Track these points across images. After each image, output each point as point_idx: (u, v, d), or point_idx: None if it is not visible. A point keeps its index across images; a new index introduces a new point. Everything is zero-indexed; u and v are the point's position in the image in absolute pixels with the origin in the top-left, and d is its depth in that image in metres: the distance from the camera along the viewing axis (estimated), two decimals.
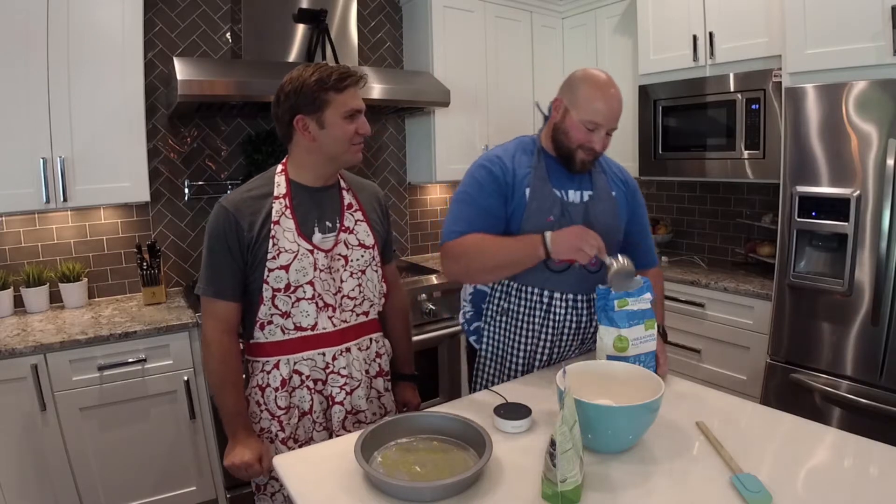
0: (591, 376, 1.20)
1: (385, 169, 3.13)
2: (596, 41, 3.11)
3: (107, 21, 2.04)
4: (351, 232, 1.36)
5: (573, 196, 1.44)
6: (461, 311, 1.64)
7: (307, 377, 1.32)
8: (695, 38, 2.52)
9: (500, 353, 1.52)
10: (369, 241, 1.39)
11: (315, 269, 1.29)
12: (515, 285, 1.45)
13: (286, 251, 1.26)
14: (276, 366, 1.31)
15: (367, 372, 1.40)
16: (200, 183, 2.58)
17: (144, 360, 1.96)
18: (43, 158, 1.97)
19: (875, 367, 1.85)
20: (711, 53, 2.48)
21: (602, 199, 1.47)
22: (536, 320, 1.45)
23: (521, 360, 1.49)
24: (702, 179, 2.84)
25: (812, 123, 1.94)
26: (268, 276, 1.26)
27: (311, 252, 1.29)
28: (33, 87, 1.93)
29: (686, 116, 2.61)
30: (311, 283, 1.28)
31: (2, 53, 1.87)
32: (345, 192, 1.39)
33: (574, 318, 1.46)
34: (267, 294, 1.27)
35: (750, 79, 2.34)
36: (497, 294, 1.49)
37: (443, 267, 1.44)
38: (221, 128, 2.62)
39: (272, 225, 1.26)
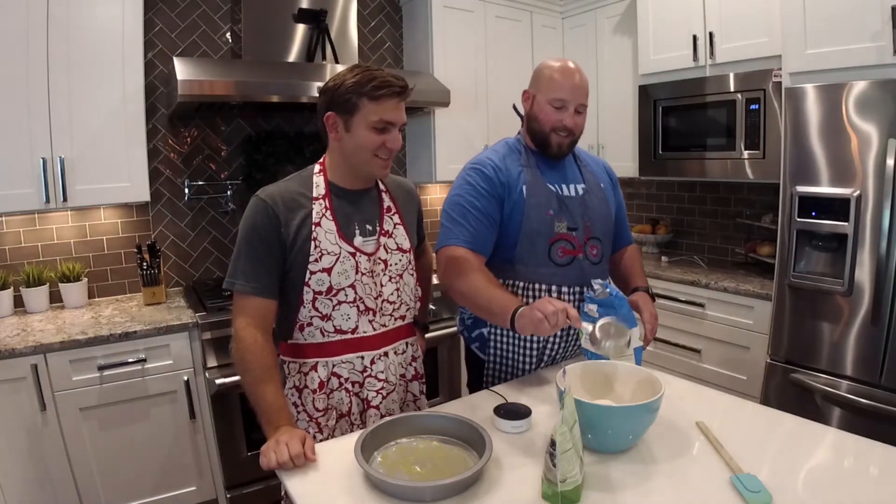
0: (591, 376, 1.20)
1: None
2: (596, 41, 3.11)
3: (107, 21, 2.04)
4: (390, 236, 1.35)
5: (568, 190, 1.48)
6: (459, 317, 1.62)
7: (346, 379, 1.30)
8: (695, 38, 2.52)
9: (510, 356, 1.50)
10: (406, 244, 1.38)
11: (357, 273, 1.27)
12: (522, 284, 1.45)
13: (328, 253, 1.24)
14: (315, 368, 1.29)
15: (402, 376, 1.39)
16: (200, 183, 2.58)
17: (144, 360, 1.96)
18: (43, 158, 1.97)
19: (875, 367, 1.85)
20: (711, 53, 2.48)
21: (594, 192, 1.53)
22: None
23: (533, 359, 1.48)
24: (702, 179, 2.84)
25: (812, 123, 1.93)
26: (309, 278, 1.24)
27: (353, 255, 1.27)
28: (33, 87, 1.93)
29: (686, 116, 2.61)
30: (352, 286, 1.26)
31: (2, 53, 1.87)
32: (384, 195, 1.38)
33: (581, 310, 1.42)
34: (307, 296, 1.25)
35: (750, 79, 2.34)
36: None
37: (438, 273, 1.43)
38: (221, 128, 2.62)
39: (313, 226, 1.24)
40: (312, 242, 1.24)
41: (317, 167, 1.32)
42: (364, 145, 1.23)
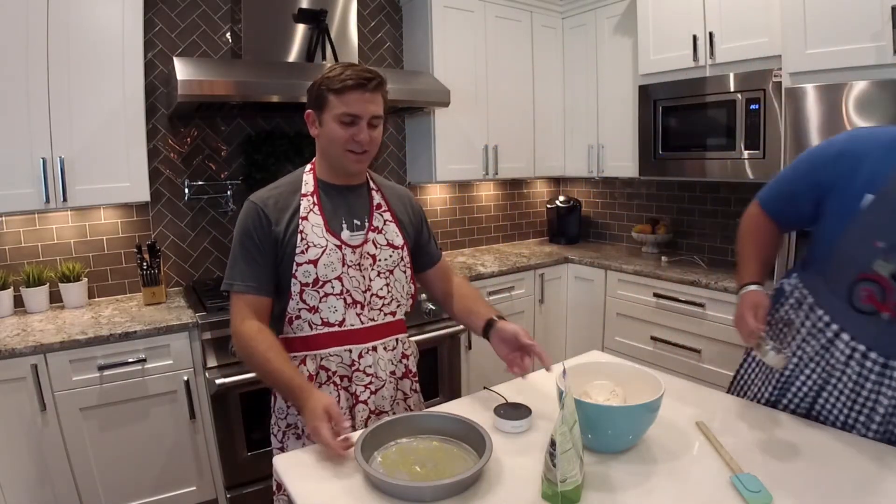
0: (591, 376, 1.20)
1: (385, 169, 3.13)
2: (596, 41, 3.11)
3: (107, 21, 2.05)
4: (380, 232, 1.36)
5: None
6: None
7: (334, 373, 1.31)
8: (695, 38, 2.52)
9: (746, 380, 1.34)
10: (398, 241, 1.39)
11: (343, 265, 1.29)
12: (811, 301, 1.22)
13: (315, 246, 1.27)
14: (303, 361, 1.31)
15: (392, 373, 1.40)
16: (200, 183, 2.58)
17: (144, 360, 1.96)
18: (43, 158, 1.97)
19: None
20: (711, 53, 2.48)
21: None
22: (809, 350, 1.20)
23: (774, 385, 1.27)
24: (702, 179, 2.84)
25: (812, 123, 1.94)
26: (296, 270, 1.27)
27: (340, 248, 1.29)
28: (33, 87, 1.93)
29: (686, 116, 2.61)
30: (339, 278, 1.29)
31: (2, 53, 1.87)
32: (374, 193, 1.40)
33: (856, 372, 1.12)
34: (295, 289, 1.27)
35: (750, 79, 2.34)
36: (791, 300, 1.27)
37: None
38: (221, 128, 2.62)
39: (300, 220, 1.28)
40: (299, 235, 1.27)
41: (308, 166, 1.37)
42: (333, 139, 1.26)
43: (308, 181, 1.33)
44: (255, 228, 1.26)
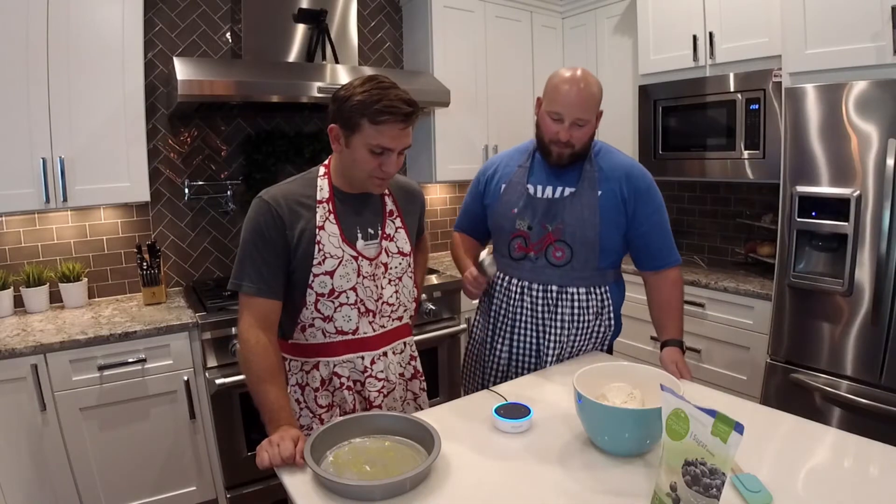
0: (608, 378, 1.18)
1: None
2: (596, 41, 3.11)
3: (107, 21, 2.04)
4: (391, 240, 1.36)
5: (542, 192, 1.53)
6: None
7: (347, 378, 1.31)
8: (695, 38, 2.52)
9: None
10: (406, 248, 1.39)
11: (359, 276, 1.28)
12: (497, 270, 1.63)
13: (331, 257, 1.25)
14: (316, 367, 1.31)
15: (402, 375, 1.41)
16: (200, 183, 2.58)
17: (144, 360, 1.96)
18: (43, 158, 1.97)
19: (875, 367, 1.85)
20: (711, 53, 2.48)
21: (581, 196, 1.50)
22: (496, 302, 1.65)
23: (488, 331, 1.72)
24: (702, 179, 2.84)
25: (812, 123, 1.93)
26: (312, 281, 1.25)
27: (356, 259, 1.28)
28: (33, 87, 1.93)
29: (686, 116, 2.61)
30: (353, 289, 1.28)
31: (2, 53, 1.87)
32: (386, 199, 1.38)
33: (529, 302, 1.56)
34: (310, 298, 1.26)
35: (750, 79, 2.34)
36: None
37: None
38: (221, 128, 2.62)
39: (317, 230, 1.25)
40: (316, 246, 1.24)
41: (322, 170, 1.32)
42: (360, 165, 1.22)
43: (323, 187, 1.29)
44: (268, 228, 1.22)
